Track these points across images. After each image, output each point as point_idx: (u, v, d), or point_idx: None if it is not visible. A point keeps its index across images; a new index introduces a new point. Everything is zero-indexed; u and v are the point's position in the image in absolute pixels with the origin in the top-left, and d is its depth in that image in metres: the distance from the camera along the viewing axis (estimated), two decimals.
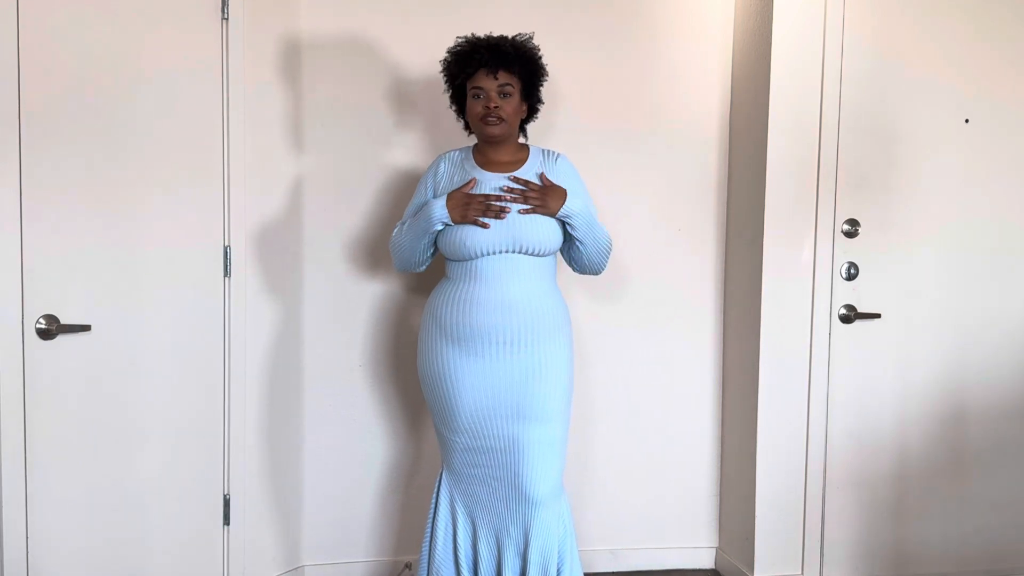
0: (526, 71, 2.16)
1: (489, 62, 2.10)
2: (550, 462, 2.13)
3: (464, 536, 2.23)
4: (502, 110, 2.11)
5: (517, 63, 2.13)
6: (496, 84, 2.11)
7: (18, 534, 2.00)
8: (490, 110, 2.10)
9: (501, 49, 2.11)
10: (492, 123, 2.12)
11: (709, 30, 2.82)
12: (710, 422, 2.93)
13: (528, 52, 2.16)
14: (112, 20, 2.12)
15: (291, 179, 2.61)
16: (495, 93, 2.11)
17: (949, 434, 2.76)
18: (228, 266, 2.39)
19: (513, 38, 2.15)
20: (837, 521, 2.73)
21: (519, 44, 2.15)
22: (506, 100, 2.12)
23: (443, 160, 2.25)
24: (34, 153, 1.98)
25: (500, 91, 2.11)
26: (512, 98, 2.14)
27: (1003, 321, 2.76)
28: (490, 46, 2.12)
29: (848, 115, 2.62)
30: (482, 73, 2.11)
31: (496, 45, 2.12)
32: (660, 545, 2.93)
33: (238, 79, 2.36)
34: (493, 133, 2.14)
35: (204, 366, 2.37)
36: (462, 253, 2.11)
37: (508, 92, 2.12)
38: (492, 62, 2.10)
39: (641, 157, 2.81)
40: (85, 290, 2.10)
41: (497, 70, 2.11)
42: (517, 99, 2.15)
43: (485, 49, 2.11)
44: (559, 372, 2.15)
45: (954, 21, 2.66)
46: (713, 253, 2.89)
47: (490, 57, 2.10)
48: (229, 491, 2.44)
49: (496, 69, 2.10)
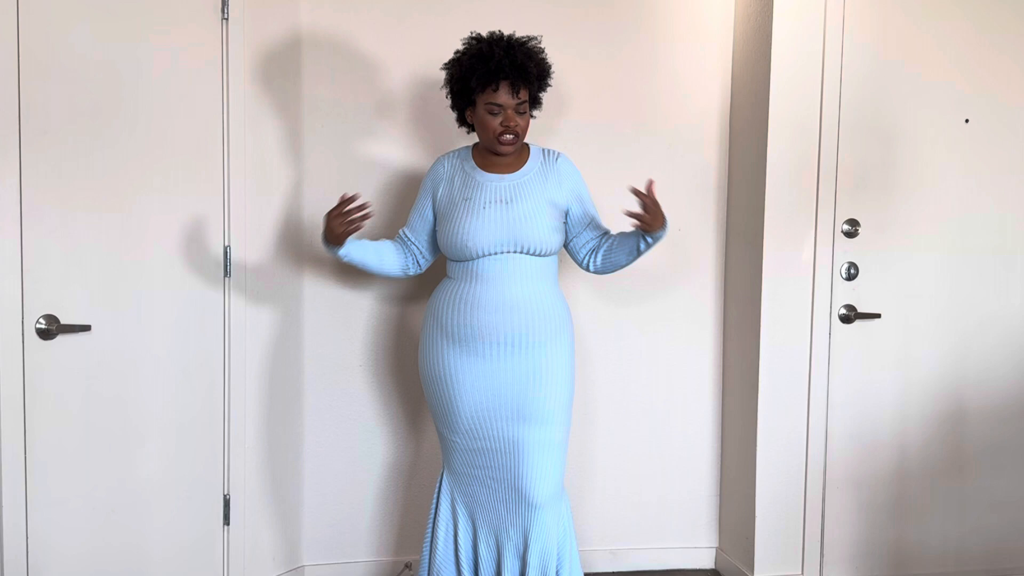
0: (539, 85, 2.14)
1: (513, 79, 2.04)
2: (550, 464, 2.13)
3: (465, 537, 2.23)
4: (519, 127, 2.09)
5: (536, 79, 2.10)
6: (515, 103, 2.07)
7: (18, 534, 2.00)
8: (509, 128, 2.07)
9: (526, 68, 2.05)
10: (506, 141, 2.09)
11: (709, 30, 2.82)
12: (710, 422, 2.93)
13: (545, 65, 2.13)
14: (112, 20, 2.12)
15: (291, 179, 2.61)
16: (513, 111, 2.08)
17: (949, 434, 2.77)
18: (228, 266, 2.39)
19: (530, 46, 2.10)
20: (837, 521, 2.73)
21: (538, 59, 2.10)
22: (522, 117, 2.10)
23: (442, 162, 2.24)
24: (34, 153, 1.98)
25: (518, 109, 2.08)
26: (527, 114, 2.12)
27: (1003, 321, 2.76)
28: (514, 63, 2.03)
29: (848, 115, 2.62)
30: (504, 89, 2.05)
31: (521, 64, 2.04)
32: (660, 545, 2.93)
33: (238, 79, 2.36)
34: (506, 152, 2.12)
35: (204, 366, 2.36)
36: (463, 253, 2.10)
37: (524, 110, 2.10)
38: (517, 80, 2.05)
39: (641, 157, 2.81)
40: (85, 290, 2.10)
41: (520, 88, 2.06)
42: (529, 116, 2.14)
43: (509, 65, 2.02)
44: (560, 373, 2.15)
45: (954, 21, 2.66)
46: (713, 253, 2.89)
47: (514, 73, 2.04)
48: (229, 491, 2.44)
49: (519, 88, 2.06)
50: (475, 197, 2.12)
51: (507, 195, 2.12)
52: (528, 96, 2.11)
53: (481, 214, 2.10)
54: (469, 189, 2.15)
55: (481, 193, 2.13)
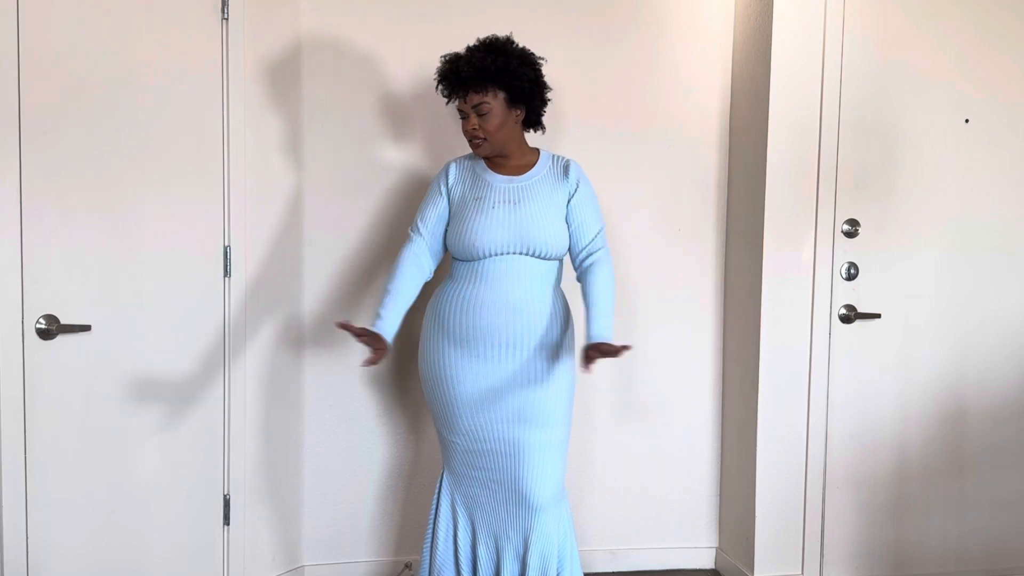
0: (503, 81, 2.09)
1: (456, 87, 2.10)
2: (551, 467, 2.13)
3: (464, 537, 2.23)
4: (481, 130, 2.11)
5: (487, 79, 2.07)
6: (469, 106, 2.11)
7: (18, 534, 2.00)
8: (473, 132, 2.12)
9: (461, 73, 2.07)
10: (476, 145, 2.14)
11: (709, 30, 2.82)
12: (710, 422, 2.93)
13: (501, 62, 2.06)
14: (112, 20, 2.12)
15: (291, 179, 2.61)
16: (472, 115, 2.11)
17: (949, 434, 2.77)
18: (228, 266, 2.38)
19: (489, 45, 2.11)
20: (837, 521, 2.73)
21: (486, 58, 2.06)
22: (485, 118, 2.10)
23: (454, 164, 2.25)
24: (34, 153, 1.99)
25: (476, 111, 2.10)
26: (491, 114, 2.10)
27: (1003, 321, 2.76)
28: (471, 66, 2.06)
29: (848, 115, 2.62)
30: (464, 96, 2.11)
31: (478, 67, 2.06)
32: (660, 545, 2.93)
33: (238, 79, 2.36)
34: (481, 154, 2.17)
35: (204, 366, 2.36)
36: (470, 252, 2.11)
37: (484, 111, 2.09)
38: (459, 86, 2.10)
39: (642, 158, 2.81)
40: (85, 290, 2.10)
41: (466, 93, 2.10)
42: (500, 111, 2.10)
43: (453, 73, 2.10)
44: (561, 375, 2.16)
45: (954, 21, 2.66)
46: (713, 253, 2.89)
47: (457, 81, 2.09)
48: (229, 491, 2.44)
49: (465, 92, 2.10)
50: (486, 197, 2.14)
51: (515, 196, 2.14)
52: (484, 97, 2.08)
53: (490, 214, 2.11)
54: (480, 189, 2.16)
55: (491, 193, 2.14)
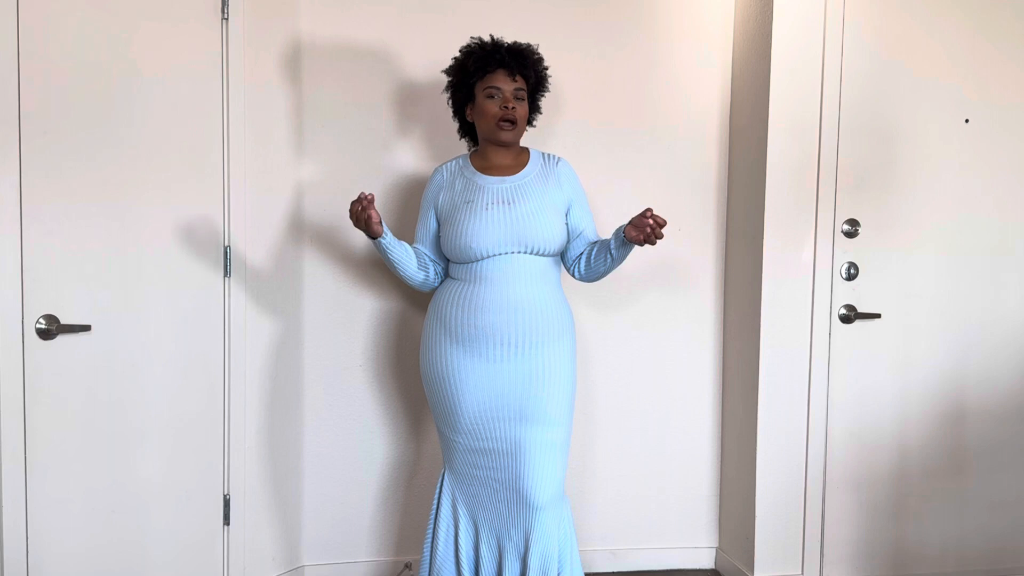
0: (535, 81, 2.20)
1: (510, 64, 2.14)
2: (552, 466, 2.13)
3: (466, 537, 2.23)
4: (517, 111, 2.15)
5: (532, 70, 2.17)
6: (513, 87, 2.14)
7: (18, 534, 2.00)
8: (507, 111, 2.13)
9: (523, 54, 2.16)
10: (506, 127, 2.14)
11: (709, 30, 2.82)
12: (710, 422, 2.93)
13: (540, 62, 2.21)
14: (112, 20, 2.12)
15: (291, 179, 2.61)
16: (510, 94, 2.14)
17: (949, 434, 2.77)
18: (228, 266, 2.38)
19: (526, 49, 2.19)
20: (837, 521, 2.73)
21: (533, 52, 2.20)
22: (520, 104, 2.16)
23: (440, 171, 2.27)
24: (34, 153, 1.98)
25: (515, 94, 2.15)
26: (524, 103, 2.18)
27: (1003, 321, 2.76)
28: (511, 49, 2.15)
29: (848, 115, 2.62)
30: (501, 74, 2.14)
31: (517, 50, 2.16)
32: (660, 545, 2.93)
33: (238, 79, 2.36)
34: (506, 139, 2.17)
35: (204, 366, 2.36)
36: (467, 255, 2.11)
37: (521, 97, 2.17)
38: (513, 64, 2.14)
39: (641, 157, 2.81)
40: (85, 290, 2.10)
41: (516, 73, 2.14)
42: (527, 105, 2.20)
43: (506, 51, 2.14)
44: (563, 375, 2.15)
45: (954, 20, 2.66)
46: (713, 253, 2.89)
47: (511, 59, 2.14)
48: (229, 491, 2.44)
49: (515, 72, 2.14)
50: (477, 199, 2.14)
51: (508, 196, 2.14)
52: (526, 85, 2.17)
53: (483, 215, 2.11)
54: (470, 192, 2.16)
55: (483, 195, 2.14)
